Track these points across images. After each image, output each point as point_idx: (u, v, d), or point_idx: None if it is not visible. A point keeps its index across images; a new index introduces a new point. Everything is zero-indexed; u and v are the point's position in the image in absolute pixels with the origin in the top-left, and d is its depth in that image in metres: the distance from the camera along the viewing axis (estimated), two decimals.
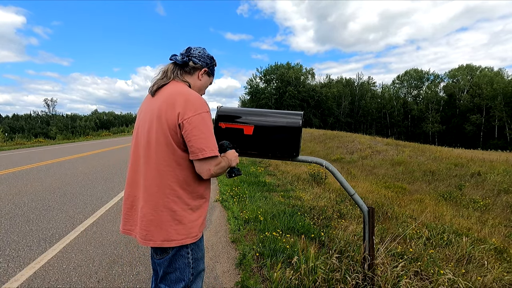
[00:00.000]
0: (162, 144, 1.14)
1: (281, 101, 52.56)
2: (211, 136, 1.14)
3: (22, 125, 58.34)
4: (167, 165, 1.14)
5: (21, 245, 2.94)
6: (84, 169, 7.60)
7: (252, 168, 8.58)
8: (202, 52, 1.32)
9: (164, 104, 1.15)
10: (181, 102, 1.13)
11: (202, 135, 1.11)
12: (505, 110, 42.13)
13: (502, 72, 48.34)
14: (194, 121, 1.11)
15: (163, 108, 1.14)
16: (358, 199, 1.97)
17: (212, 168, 1.14)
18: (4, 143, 17.79)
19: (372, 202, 5.50)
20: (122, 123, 71.28)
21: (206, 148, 1.11)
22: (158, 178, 1.15)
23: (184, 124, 1.11)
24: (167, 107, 1.13)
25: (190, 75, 1.31)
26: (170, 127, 1.12)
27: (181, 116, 1.11)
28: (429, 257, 2.80)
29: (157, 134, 1.14)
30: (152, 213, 1.15)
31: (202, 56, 1.31)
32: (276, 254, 2.70)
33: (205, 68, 1.33)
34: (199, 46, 1.35)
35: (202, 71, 1.32)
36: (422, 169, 11.34)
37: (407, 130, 55.47)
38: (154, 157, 1.15)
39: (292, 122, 1.64)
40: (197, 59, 1.30)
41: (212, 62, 1.36)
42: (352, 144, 17.52)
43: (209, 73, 1.37)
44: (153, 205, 1.15)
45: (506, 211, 6.55)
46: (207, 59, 1.33)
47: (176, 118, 1.11)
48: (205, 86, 1.39)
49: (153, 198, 1.15)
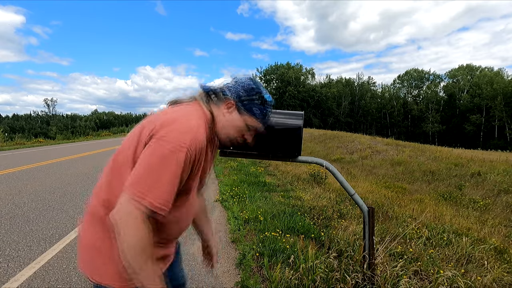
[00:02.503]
0: (119, 163, 0.89)
1: (281, 101, 52.57)
2: (157, 182, 0.76)
3: (22, 125, 58.34)
4: (107, 187, 0.90)
5: (21, 245, 2.94)
6: (84, 169, 7.60)
7: (252, 168, 8.58)
8: (240, 80, 0.98)
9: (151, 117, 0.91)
10: (161, 120, 0.84)
11: (140, 168, 0.78)
12: (505, 110, 42.13)
13: (502, 72, 48.40)
14: (154, 145, 0.79)
15: (147, 121, 0.90)
16: (358, 199, 1.97)
17: (122, 212, 0.75)
18: (4, 143, 17.79)
19: (372, 202, 5.50)
20: (122, 123, 71.38)
21: (139, 184, 0.75)
22: (96, 200, 0.92)
23: (150, 142, 0.82)
24: (149, 122, 0.88)
25: (216, 105, 0.98)
26: (141, 141, 0.85)
27: (152, 133, 0.82)
28: (429, 257, 2.80)
29: (124, 149, 0.90)
30: (82, 241, 0.93)
31: (237, 85, 0.97)
32: (276, 254, 2.70)
33: (231, 101, 0.96)
34: (248, 77, 1.00)
35: (229, 104, 0.96)
36: (422, 169, 11.34)
37: (407, 130, 55.47)
38: (106, 175, 0.92)
39: (293, 122, 1.64)
40: (228, 90, 0.97)
41: (252, 95, 0.96)
42: (352, 144, 17.51)
43: (240, 109, 0.96)
44: (85, 229, 0.93)
45: (506, 211, 6.55)
46: (240, 90, 0.96)
47: (147, 134, 0.84)
48: (231, 126, 0.98)
49: (87, 221, 0.93)
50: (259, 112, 0.98)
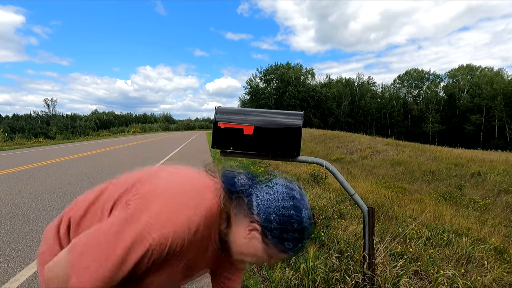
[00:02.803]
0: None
1: (281, 101, 52.59)
2: (98, 265, 0.59)
3: (22, 125, 58.37)
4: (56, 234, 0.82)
5: (21, 245, 2.94)
6: (84, 169, 7.60)
7: (252, 168, 8.59)
8: (276, 196, 0.68)
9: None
10: (148, 188, 0.69)
11: (90, 235, 0.63)
12: (505, 110, 42.16)
13: (502, 72, 48.45)
14: (113, 218, 0.66)
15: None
16: (358, 199, 1.97)
17: (54, 274, 0.62)
18: (4, 143, 17.80)
19: (372, 202, 5.50)
20: (122, 123, 71.48)
21: (75, 248, 0.62)
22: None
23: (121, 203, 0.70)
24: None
25: (235, 212, 0.72)
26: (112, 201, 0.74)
27: (131, 194, 0.70)
28: (429, 257, 2.80)
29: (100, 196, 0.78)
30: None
31: (270, 204, 0.67)
32: None
33: (256, 225, 0.68)
34: (284, 192, 0.69)
35: (251, 227, 0.69)
36: (422, 169, 11.34)
37: (407, 130, 55.50)
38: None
39: (292, 122, 1.64)
40: (256, 204, 0.69)
41: (287, 227, 0.66)
42: (352, 144, 17.52)
43: (267, 240, 0.67)
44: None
45: (506, 211, 6.55)
46: (272, 214, 0.67)
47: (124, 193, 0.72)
48: (250, 254, 0.72)
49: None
50: (291, 247, 0.68)
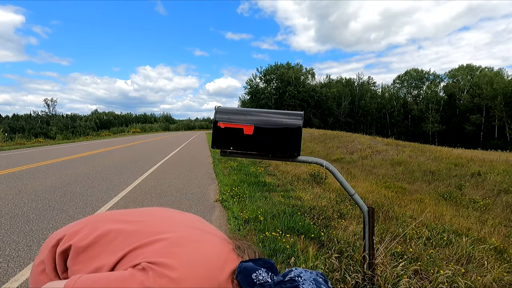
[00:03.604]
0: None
1: (281, 101, 52.58)
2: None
3: (22, 125, 58.37)
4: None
5: (21, 245, 2.94)
6: (84, 169, 7.60)
7: (252, 168, 8.58)
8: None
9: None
10: (166, 256, 0.65)
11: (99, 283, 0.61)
12: (505, 110, 42.16)
13: (502, 72, 48.45)
14: (121, 277, 0.61)
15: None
16: (358, 199, 1.97)
17: None
18: (4, 143, 17.79)
19: (372, 202, 5.50)
20: (122, 123, 71.52)
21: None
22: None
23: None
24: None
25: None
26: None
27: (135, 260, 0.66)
28: (429, 256, 2.80)
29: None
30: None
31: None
32: (276, 254, 2.70)
33: None
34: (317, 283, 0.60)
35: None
36: (422, 169, 11.34)
37: (407, 130, 55.50)
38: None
39: (292, 122, 1.64)
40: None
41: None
42: (352, 144, 17.51)
43: None
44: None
45: (506, 211, 6.55)
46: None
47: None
48: None
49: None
50: None
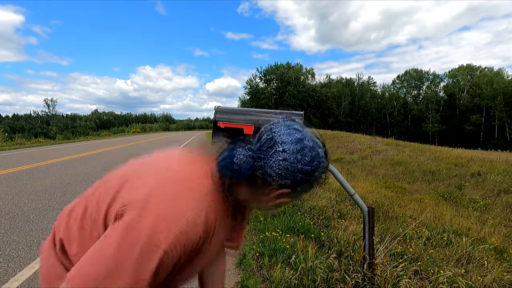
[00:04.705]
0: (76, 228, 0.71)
1: (281, 101, 52.57)
2: (120, 274, 0.56)
3: (22, 125, 58.39)
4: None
5: (21, 245, 2.94)
6: (84, 169, 7.60)
7: None
8: (293, 159, 0.61)
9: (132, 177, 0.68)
10: (143, 191, 0.62)
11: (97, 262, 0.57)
12: (505, 110, 42.16)
13: (502, 72, 48.44)
14: (113, 233, 0.59)
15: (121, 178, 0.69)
16: (358, 199, 1.97)
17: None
18: (4, 143, 17.79)
19: (372, 202, 5.50)
20: (122, 123, 71.54)
21: (80, 273, 0.57)
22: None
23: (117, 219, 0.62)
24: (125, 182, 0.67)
25: (248, 188, 0.68)
26: (105, 211, 0.67)
27: (122, 206, 0.62)
28: (429, 257, 2.80)
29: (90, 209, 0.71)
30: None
31: (291, 169, 0.61)
32: (276, 254, 2.70)
33: (287, 190, 0.65)
34: (295, 138, 0.62)
35: (278, 193, 0.65)
36: (422, 169, 11.34)
37: (407, 130, 55.50)
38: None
39: None
40: (277, 175, 0.62)
41: (313, 173, 0.63)
42: (352, 144, 17.51)
43: (294, 194, 0.67)
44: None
45: (506, 211, 6.55)
46: (297, 174, 0.62)
47: (120, 204, 0.63)
48: (272, 207, 0.72)
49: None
50: (310, 186, 0.67)
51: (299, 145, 0.61)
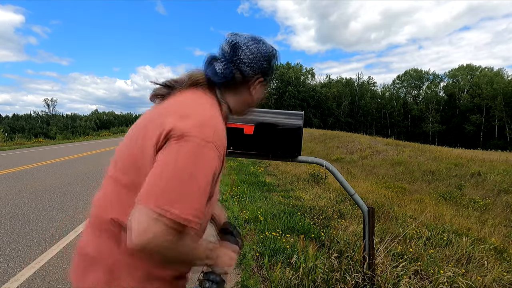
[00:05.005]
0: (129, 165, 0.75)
1: (281, 101, 52.59)
2: (188, 184, 0.62)
3: (22, 125, 58.42)
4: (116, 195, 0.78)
5: (21, 245, 2.94)
6: (84, 169, 7.60)
7: (252, 168, 8.59)
8: (257, 51, 0.80)
9: (155, 114, 0.77)
10: (178, 115, 0.70)
11: (169, 169, 0.62)
12: (505, 110, 42.17)
13: (502, 72, 48.47)
14: (174, 146, 0.65)
15: (151, 119, 0.76)
16: (358, 199, 1.97)
17: (149, 231, 0.58)
18: (4, 143, 17.79)
19: (372, 202, 5.50)
20: (122, 123, 71.52)
21: (156, 192, 0.61)
22: (105, 209, 0.80)
23: (165, 145, 0.67)
24: (156, 118, 0.74)
25: (234, 92, 0.83)
26: (147, 147, 0.70)
27: (168, 132, 0.67)
28: (429, 257, 2.80)
29: (130, 150, 0.76)
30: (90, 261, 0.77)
31: (257, 57, 0.80)
32: (276, 254, 2.70)
33: (260, 78, 0.84)
34: (252, 38, 0.82)
35: (256, 83, 0.83)
36: (422, 169, 11.34)
37: (407, 130, 55.50)
38: (116, 177, 0.79)
39: (293, 122, 1.64)
40: (249, 67, 0.80)
41: (271, 63, 0.85)
42: (352, 144, 17.52)
43: (266, 82, 0.87)
44: (93, 246, 0.78)
45: (506, 211, 6.55)
46: (263, 62, 0.82)
47: (160, 135, 0.68)
48: (257, 100, 0.90)
49: (93, 233, 0.80)
50: (273, 74, 0.91)
51: (255, 42, 0.82)
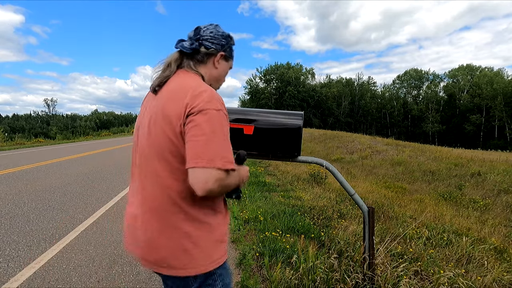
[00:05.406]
0: (163, 150, 0.91)
1: (281, 101, 52.57)
2: (219, 142, 0.84)
3: (22, 125, 58.41)
4: (169, 175, 0.91)
5: (21, 245, 2.94)
6: (84, 169, 7.60)
7: (252, 168, 8.59)
8: (215, 31, 1.04)
9: (168, 101, 0.92)
10: (190, 96, 0.88)
11: (203, 137, 0.83)
12: (505, 110, 42.15)
13: (502, 72, 48.41)
14: (198, 119, 0.85)
15: (166, 107, 0.91)
16: (358, 199, 1.97)
17: (211, 181, 0.81)
18: (4, 143, 17.79)
19: (372, 202, 5.50)
20: (122, 123, 71.44)
21: (203, 155, 0.82)
22: (162, 192, 0.92)
23: (188, 121, 0.86)
24: (171, 104, 0.90)
25: (203, 64, 1.04)
26: (172, 127, 0.88)
27: (189, 109, 0.87)
28: (429, 257, 2.80)
29: (158, 137, 0.92)
30: (160, 236, 0.92)
31: (216, 36, 1.03)
32: (276, 254, 2.70)
33: (221, 52, 1.05)
34: (210, 24, 1.06)
35: (218, 57, 1.05)
36: (422, 169, 11.34)
37: (407, 130, 55.48)
38: (154, 166, 0.93)
39: (293, 122, 1.64)
40: (210, 42, 1.02)
41: (229, 41, 1.08)
42: (352, 144, 17.52)
43: (226, 57, 1.09)
44: (158, 226, 0.92)
45: (506, 211, 6.55)
46: (222, 40, 1.05)
47: (181, 114, 0.87)
48: (223, 74, 1.12)
49: (156, 217, 0.93)
50: (233, 53, 1.13)
51: (213, 25, 1.06)
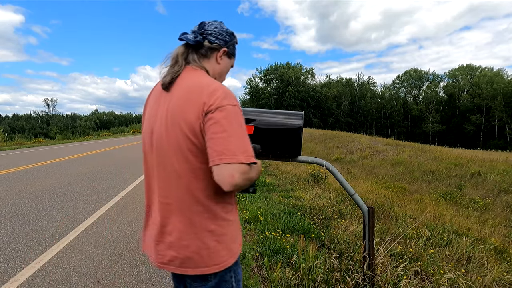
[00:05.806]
0: (183, 151, 0.91)
1: (281, 101, 52.57)
2: (239, 137, 0.86)
3: (22, 125, 58.40)
4: (191, 175, 0.92)
5: (21, 245, 2.94)
6: (84, 169, 7.60)
7: None
8: (220, 27, 1.05)
9: (185, 102, 0.91)
10: (206, 94, 0.89)
11: (224, 134, 0.84)
12: (505, 110, 42.15)
13: (502, 72, 48.41)
14: (217, 116, 0.85)
15: (184, 108, 0.91)
16: (358, 199, 1.97)
17: (236, 176, 0.82)
18: (4, 143, 17.80)
19: (372, 202, 5.50)
20: (122, 123, 71.46)
21: (226, 151, 0.83)
22: (184, 193, 0.92)
23: (207, 119, 0.87)
24: (188, 105, 0.90)
25: (207, 58, 1.05)
26: (191, 127, 0.89)
27: (206, 108, 0.87)
28: (429, 257, 2.80)
29: (176, 137, 0.91)
30: (185, 237, 0.92)
31: (220, 32, 1.05)
32: (276, 254, 2.70)
33: (224, 48, 1.06)
34: (215, 20, 1.08)
35: (221, 52, 1.06)
36: (422, 169, 11.34)
37: (407, 130, 55.48)
38: (174, 167, 0.93)
39: (293, 122, 1.64)
40: (214, 37, 1.03)
41: (233, 39, 1.10)
42: (352, 144, 17.52)
43: (229, 54, 1.10)
44: (182, 227, 0.93)
45: (506, 211, 6.55)
46: (226, 36, 1.06)
47: (200, 113, 0.87)
48: (225, 70, 1.13)
49: (180, 218, 0.93)
50: (236, 51, 1.15)
51: (218, 22, 1.07)
